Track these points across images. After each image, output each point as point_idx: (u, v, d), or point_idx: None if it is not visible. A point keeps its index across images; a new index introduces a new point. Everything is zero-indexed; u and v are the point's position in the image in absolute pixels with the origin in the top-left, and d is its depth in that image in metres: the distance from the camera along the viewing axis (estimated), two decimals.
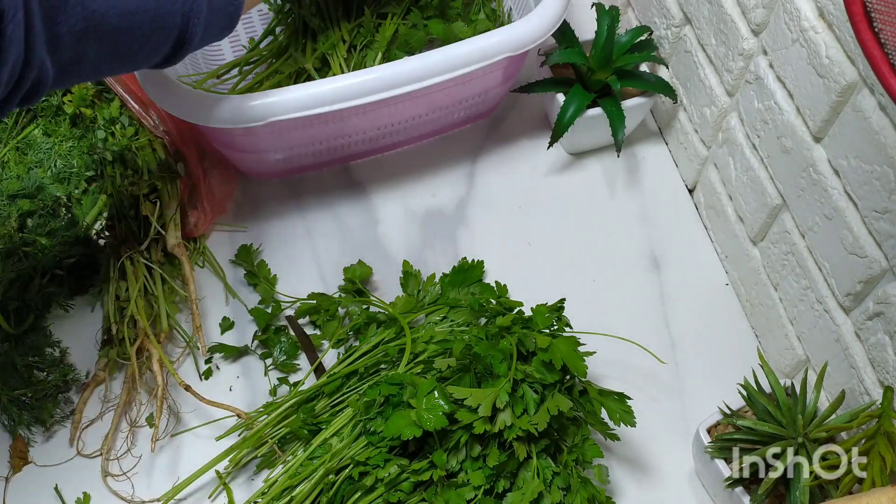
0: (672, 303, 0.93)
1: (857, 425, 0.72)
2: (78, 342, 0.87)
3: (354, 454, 0.75)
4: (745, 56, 0.83)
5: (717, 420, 0.80)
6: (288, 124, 0.83)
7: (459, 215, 0.98)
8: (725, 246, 0.95)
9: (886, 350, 0.72)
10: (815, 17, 0.72)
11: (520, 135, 1.03)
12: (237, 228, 0.95)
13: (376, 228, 0.97)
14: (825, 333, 0.80)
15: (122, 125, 0.92)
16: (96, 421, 0.83)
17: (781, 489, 0.75)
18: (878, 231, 0.70)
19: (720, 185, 0.93)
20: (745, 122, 0.86)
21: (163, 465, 0.82)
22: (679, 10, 0.93)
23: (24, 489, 0.81)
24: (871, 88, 0.67)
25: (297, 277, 0.92)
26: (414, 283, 0.89)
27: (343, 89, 0.82)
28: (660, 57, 0.97)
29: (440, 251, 0.95)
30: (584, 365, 0.76)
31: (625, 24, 1.04)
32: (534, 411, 0.74)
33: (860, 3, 0.51)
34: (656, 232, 0.98)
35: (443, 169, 1.00)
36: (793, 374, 0.87)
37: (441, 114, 0.96)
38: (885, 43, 0.51)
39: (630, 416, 0.77)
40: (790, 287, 0.84)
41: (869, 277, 0.72)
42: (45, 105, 0.91)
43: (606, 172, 1.01)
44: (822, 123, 0.74)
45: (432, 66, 0.84)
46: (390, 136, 0.96)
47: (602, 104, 0.94)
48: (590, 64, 0.94)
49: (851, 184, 0.72)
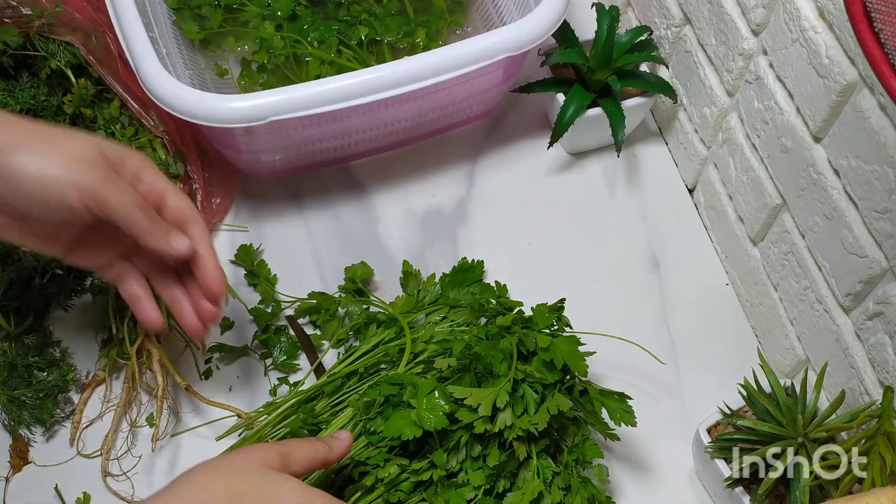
0: (672, 303, 0.93)
1: (857, 425, 0.72)
2: (78, 342, 0.87)
3: (354, 454, 0.75)
4: (745, 56, 0.83)
5: (717, 420, 0.80)
6: (288, 124, 0.83)
7: (459, 215, 0.98)
8: (725, 246, 0.95)
9: (886, 350, 0.72)
10: (816, 17, 0.72)
11: (520, 135, 1.03)
12: (237, 228, 0.95)
13: (376, 228, 0.97)
14: (825, 333, 0.80)
15: (122, 125, 0.92)
16: (96, 421, 0.83)
17: (781, 489, 0.75)
18: (878, 231, 0.70)
19: (720, 185, 0.93)
20: (745, 122, 0.86)
21: (163, 465, 0.82)
22: (679, 10, 0.93)
23: (24, 489, 0.81)
24: (871, 88, 0.67)
25: (297, 277, 0.92)
26: (414, 282, 0.89)
27: (343, 89, 0.82)
28: (660, 57, 0.97)
29: (440, 251, 0.95)
30: (584, 364, 0.76)
31: (625, 24, 1.04)
32: (534, 411, 0.74)
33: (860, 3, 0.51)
34: (656, 232, 0.98)
35: (443, 169, 1.00)
36: (793, 374, 0.87)
37: (441, 114, 0.96)
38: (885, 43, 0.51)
39: (631, 416, 0.77)
40: (790, 287, 0.84)
41: (869, 277, 0.72)
42: (46, 105, 0.91)
43: (606, 172, 1.01)
44: (822, 123, 0.74)
45: (432, 66, 0.84)
46: (390, 136, 0.96)
47: (602, 104, 0.94)
48: (590, 64, 0.94)
49: (851, 184, 0.72)
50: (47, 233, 0.69)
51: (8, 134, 0.63)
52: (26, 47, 0.90)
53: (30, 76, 0.92)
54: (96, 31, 0.91)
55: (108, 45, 0.90)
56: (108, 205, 0.64)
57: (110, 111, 0.91)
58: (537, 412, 0.74)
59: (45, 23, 0.90)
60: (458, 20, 1.06)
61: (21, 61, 0.92)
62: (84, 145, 0.65)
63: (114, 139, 0.90)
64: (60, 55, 0.91)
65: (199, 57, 1.01)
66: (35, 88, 0.91)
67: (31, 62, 0.92)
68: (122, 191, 0.65)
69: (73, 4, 0.91)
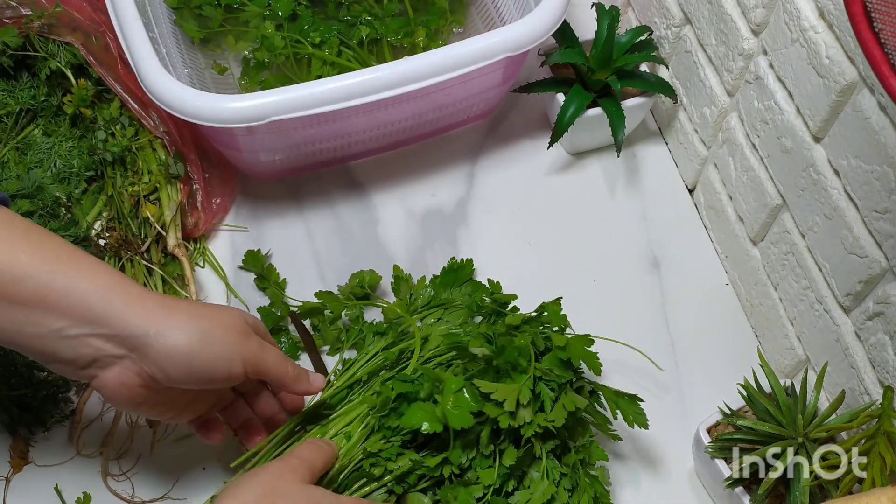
0: (672, 303, 0.93)
1: (857, 425, 0.72)
2: None
3: (367, 446, 0.74)
4: (745, 56, 0.83)
5: (717, 420, 0.80)
6: (288, 124, 0.83)
7: (459, 215, 0.98)
8: (725, 246, 0.95)
9: (886, 350, 0.72)
10: (816, 17, 0.72)
11: (520, 135, 1.03)
12: (237, 228, 0.95)
13: (376, 228, 0.97)
14: (825, 333, 0.80)
15: (122, 125, 0.92)
16: (96, 421, 0.83)
17: (781, 489, 0.75)
18: (878, 231, 0.70)
19: (720, 185, 0.93)
20: (745, 122, 0.86)
21: (163, 465, 0.82)
22: (679, 10, 0.93)
23: (24, 489, 0.81)
24: (871, 88, 0.67)
25: (297, 277, 0.92)
26: (405, 287, 0.89)
27: (343, 89, 0.82)
28: (660, 57, 0.97)
29: (440, 251, 0.95)
30: (598, 363, 0.76)
31: (625, 24, 1.04)
32: (549, 408, 0.74)
33: (860, 3, 0.51)
34: (656, 232, 0.98)
35: (443, 169, 1.00)
36: (793, 374, 0.87)
37: (441, 114, 0.96)
38: (885, 43, 0.51)
39: (643, 418, 0.77)
40: (790, 287, 0.84)
41: (869, 277, 0.72)
42: (46, 105, 0.91)
43: (606, 172, 1.01)
44: (822, 123, 0.74)
45: (432, 66, 0.84)
46: (390, 136, 0.96)
47: (602, 104, 0.94)
48: (590, 64, 0.94)
49: (851, 184, 0.72)
50: (185, 402, 0.72)
51: (157, 314, 0.65)
52: (26, 48, 0.90)
53: (30, 76, 0.92)
54: (96, 31, 0.91)
55: (108, 45, 0.90)
56: (265, 368, 0.70)
57: (110, 111, 0.91)
58: (553, 410, 0.74)
59: (44, 23, 0.90)
60: (458, 20, 1.06)
61: (21, 61, 0.92)
62: (236, 318, 0.70)
63: (114, 139, 0.90)
64: (60, 55, 0.91)
65: (199, 57, 1.01)
66: (35, 89, 0.91)
67: (30, 62, 0.92)
68: (272, 352, 0.71)
69: (73, 4, 0.91)
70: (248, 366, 0.69)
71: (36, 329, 0.63)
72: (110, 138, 0.91)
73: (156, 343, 0.64)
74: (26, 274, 0.62)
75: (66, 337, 0.63)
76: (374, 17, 1.02)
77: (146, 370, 0.65)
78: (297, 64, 0.99)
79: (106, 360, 0.65)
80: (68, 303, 0.63)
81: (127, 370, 0.65)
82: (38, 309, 0.63)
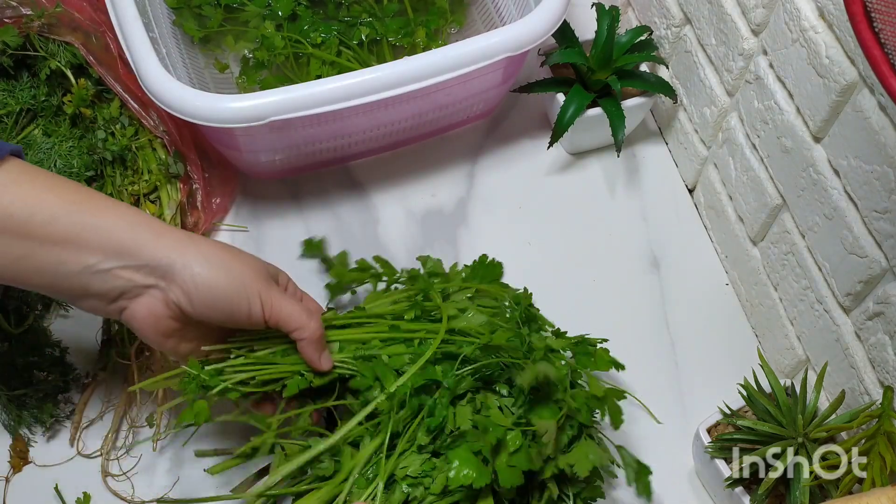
0: (672, 303, 0.93)
1: (857, 425, 0.72)
2: (78, 342, 0.87)
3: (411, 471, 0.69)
4: (745, 56, 0.83)
5: (717, 420, 0.80)
6: (288, 124, 0.83)
7: (459, 215, 0.98)
8: (725, 246, 0.95)
9: (886, 350, 0.72)
10: (816, 17, 0.72)
11: (520, 135, 1.03)
12: (237, 228, 0.95)
13: (376, 228, 0.97)
14: (825, 333, 0.80)
15: (122, 125, 0.92)
16: (96, 421, 0.83)
17: (781, 489, 0.75)
18: (878, 231, 0.70)
19: (720, 185, 0.93)
20: (745, 121, 0.86)
21: (163, 465, 0.82)
22: (679, 10, 0.93)
23: (24, 489, 0.81)
24: (871, 88, 0.67)
25: (297, 277, 0.92)
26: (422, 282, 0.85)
27: (343, 89, 0.82)
28: (660, 57, 0.97)
29: (440, 251, 0.95)
30: (621, 419, 0.75)
31: (625, 24, 1.04)
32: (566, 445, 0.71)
33: (860, 3, 0.51)
34: (656, 232, 0.98)
35: (443, 169, 1.00)
36: (793, 374, 0.87)
37: (441, 114, 0.96)
38: (885, 43, 0.51)
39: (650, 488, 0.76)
40: (790, 287, 0.84)
41: (869, 277, 0.72)
42: (45, 105, 0.91)
43: (606, 172, 1.01)
44: (822, 123, 0.74)
45: (432, 66, 0.84)
46: (390, 136, 0.96)
47: (602, 104, 0.94)
48: (590, 64, 0.94)
49: (851, 184, 0.72)
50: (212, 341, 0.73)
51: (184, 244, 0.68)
52: (26, 47, 0.90)
53: (30, 76, 0.92)
54: (96, 31, 0.91)
55: (108, 45, 0.90)
56: (280, 315, 0.71)
57: (110, 111, 0.91)
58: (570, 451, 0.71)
59: (45, 23, 0.90)
60: (458, 19, 1.06)
61: (21, 61, 0.92)
62: (259, 262, 0.73)
63: (114, 139, 0.91)
64: (60, 55, 0.91)
65: (198, 57, 1.01)
66: (35, 88, 0.91)
67: (31, 62, 0.92)
68: (289, 303, 0.72)
69: (73, 4, 0.91)
70: (265, 308, 0.70)
71: (68, 267, 0.65)
72: (110, 138, 0.91)
73: (183, 272, 0.67)
74: (56, 215, 0.64)
75: (98, 272, 0.66)
76: (373, 17, 1.02)
77: (173, 299, 0.68)
78: (297, 64, 0.99)
79: (135, 291, 0.68)
80: (98, 238, 0.65)
81: (155, 300, 0.68)
82: (70, 246, 0.65)
